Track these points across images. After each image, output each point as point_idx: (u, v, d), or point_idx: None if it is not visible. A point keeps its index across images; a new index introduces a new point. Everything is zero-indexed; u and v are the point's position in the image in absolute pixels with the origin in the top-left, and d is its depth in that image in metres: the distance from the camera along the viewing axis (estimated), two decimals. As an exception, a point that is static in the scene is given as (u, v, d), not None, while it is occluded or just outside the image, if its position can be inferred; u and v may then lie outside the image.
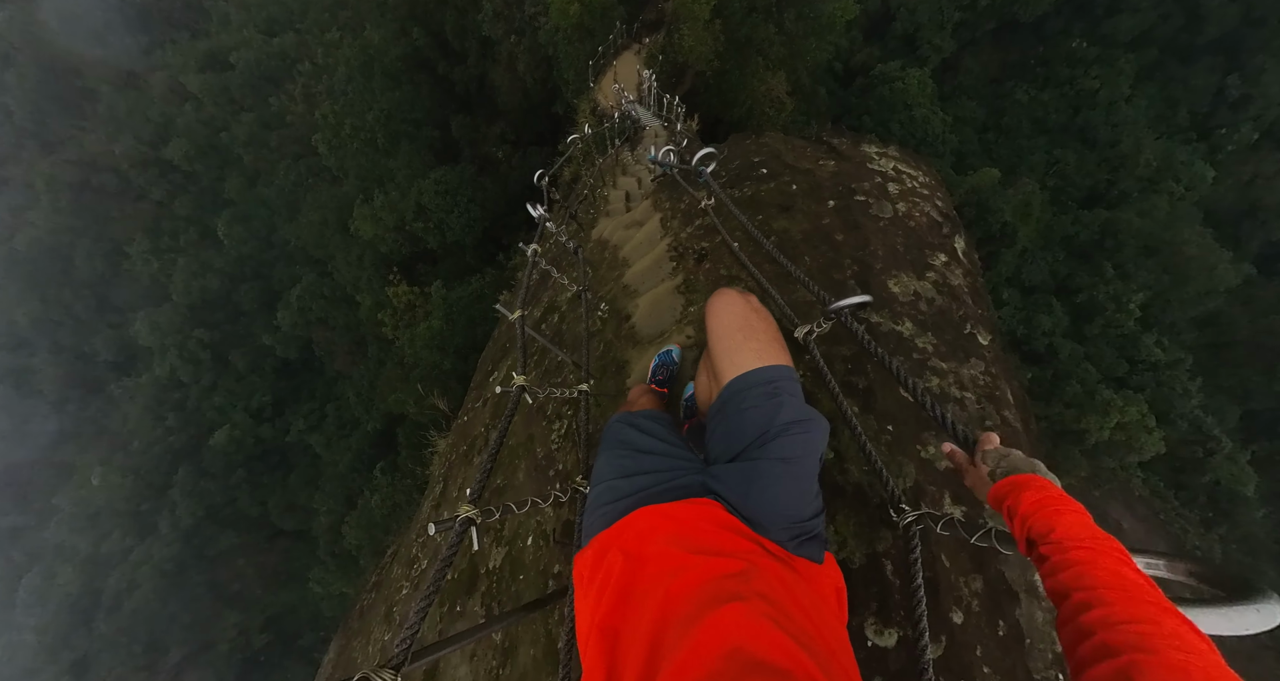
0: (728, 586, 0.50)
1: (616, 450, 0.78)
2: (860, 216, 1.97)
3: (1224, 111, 20.90)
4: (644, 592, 0.52)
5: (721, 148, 3.04)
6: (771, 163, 2.44)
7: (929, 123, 17.85)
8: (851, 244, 1.87)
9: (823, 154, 2.52)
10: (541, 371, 2.59)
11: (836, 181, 2.16)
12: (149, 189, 29.29)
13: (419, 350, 11.20)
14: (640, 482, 0.70)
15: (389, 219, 13.36)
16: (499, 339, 4.19)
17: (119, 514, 26.95)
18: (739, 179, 2.41)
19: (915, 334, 1.58)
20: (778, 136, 2.88)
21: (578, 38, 10.58)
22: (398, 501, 11.04)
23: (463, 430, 3.14)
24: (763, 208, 2.13)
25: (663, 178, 3.00)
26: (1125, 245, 18.19)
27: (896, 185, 2.18)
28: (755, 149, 2.70)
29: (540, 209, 2.16)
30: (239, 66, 26.84)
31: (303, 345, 23.42)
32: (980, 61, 21.80)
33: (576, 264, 2.32)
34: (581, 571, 0.64)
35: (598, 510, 0.71)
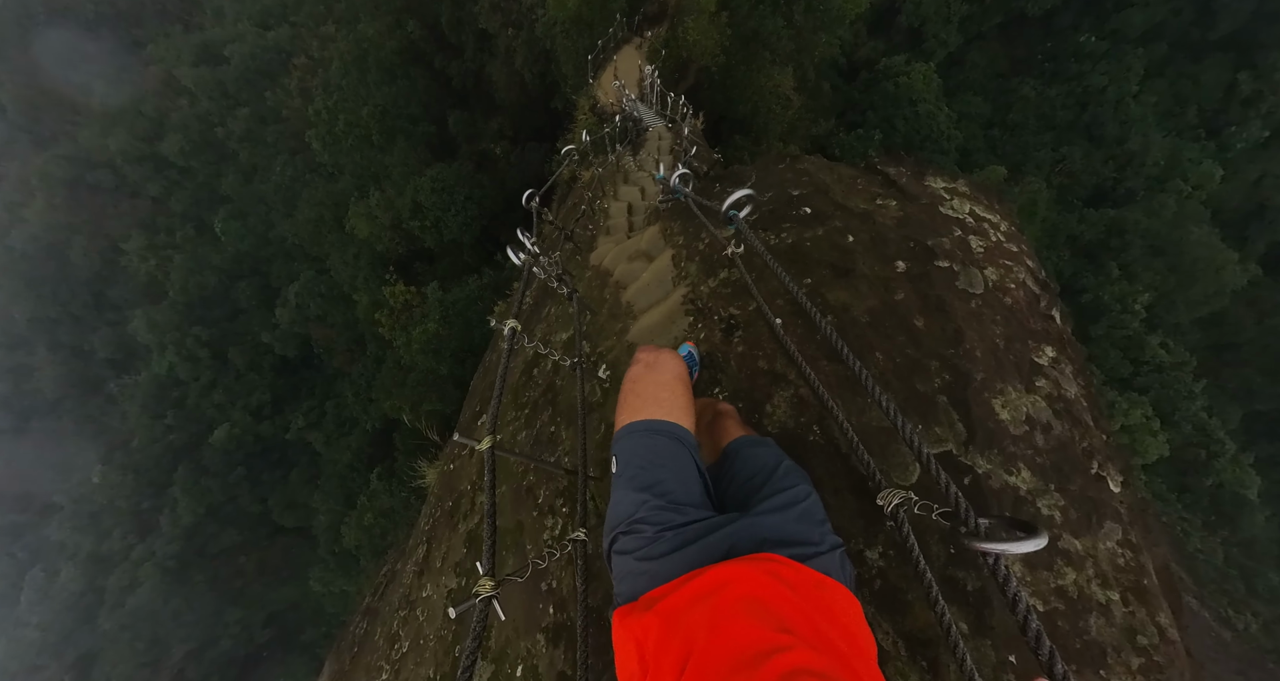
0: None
1: (653, 479, 0.74)
2: (945, 291, 1.49)
3: (1234, 108, 20.55)
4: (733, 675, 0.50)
5: (748, 171, 2.49)
6: (816, 198, 1.97)
7: (934, 119, 17.56)
8: (937, 335, 1.40)
9: (878, 188, 2.01)
10: (531, 435, 2.19)
11: (905, 233, 1.68)
12: (144, 185, 29.01)
13: (415, 355, 11.06)
14: (688, 534, 0.68)
15: (385, 217, 13.17)
16: (490, 367, 3.76)
17: (120, 512, 27.02)
18: (775, 218, 1.94)
19: (1036, 489, 1.16)
20: (819, 162, 2.34)
21: (576, 31, 10.29)
22: (395, 506, 10.98)
23: (448, 481, 2.81)
24: (810, 265, 1.67)
25: (673, 201, 2.54)
26: (1132, 245, 17.98)
27: (980, 241, 1.68)
28: (793, 177, 2.19)
29: (527, 242, 1.83)
30: (233, 60, 26.45)
31: (301, 342, 23.31)
32: (986, 56, 21.43)
33: (572, 310, 1.93)
34: (639, 636, 0.60)
35: (641, 562, 0.67)
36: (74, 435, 31.09)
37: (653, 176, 3.99)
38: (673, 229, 2.49)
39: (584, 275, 2.98)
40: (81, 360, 30.65)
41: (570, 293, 1.84)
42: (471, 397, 3.65)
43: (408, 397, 11.53)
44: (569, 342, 2.47)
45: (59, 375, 30.51)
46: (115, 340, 29.01)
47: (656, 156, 5.03)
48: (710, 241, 2.09)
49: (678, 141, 4.92)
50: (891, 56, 18.58)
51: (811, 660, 0.51)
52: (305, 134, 15.95)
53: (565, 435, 2.02)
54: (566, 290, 1.80)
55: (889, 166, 2.14)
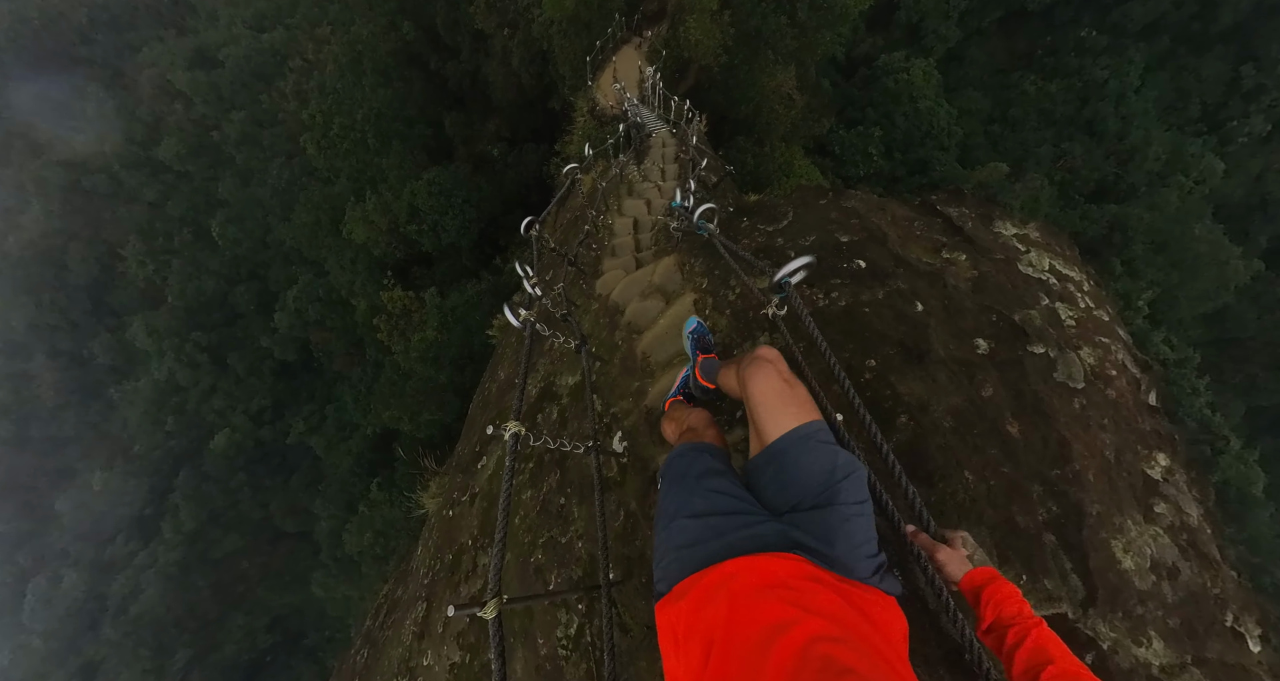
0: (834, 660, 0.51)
1: (687, 485, 0.81)
2: (1042, 385, 1.22)
3: (1236, 102, 20.42)
4: (755, 653, 0.53)
5: (783, 206, 2.08)
6: (871, 248, 1.64)
7: (934, 115, 17.43)
8: (1038, 448, 1.12)
9: (941, 234, 1.73)
10: (537, 500, 1.86)
11: (985, 301, 1.40)
12: (141, 190, 28.88)
13: (413, 363, 10.92)
14: (717, 526, 0.73)
15: (381, 221, 13.04)
16: (491, 399, 3.24)
17: (122, 518, 26.98)
18: (822, 271, 1.61)
19: (1170, 665, 0.93)
20: (867, 198, 1.99)
21: (573, 31, 10.13)
22: (395, 517, 10.87)
23: (448, 528, 2.50)
24: (872, 340, 1.36)
25: (688, 225, 2.17)
26: (1134, 241, 17.86)
27: (1069, 310, 1.42)
28: (839, 218, 1.84)
29: (529, 285, 1.60)
30: (228, 64, 26.28)
31: (301, 347, 23.22)
32: (986, 51, 21.28)
33: (583, 368, 1.63)
34: (675, 624, 0.64)
35: (672, 552, 0.73)
36: (74, 442, 31.03)
37: (668, 202, 3.69)
38: (693, 266, 2.09)
39: (589, 307, 2.62)
40: (81, 367, 30.57)
41: (579, 344, 1.57)
42: (470, 429, 3.27)
43: (407, 407, 11.40)
44: (575, 390, 2.14)
45: (58, 382, 30.44)
46: (114, 346, 28.92)
47: (661, 165, 4.83)
48: (743, 291, 1.70)
49: (683, 149, 4.66)
50: (890, 53, 18.45)
51: (827, 628, 0.53)
52: (300, 138, 15.83)
53: (578, 512, 1.70)
54: (574, 343, 1.57)
55: (950, 207, 1.84)
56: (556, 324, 1.92)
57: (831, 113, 15.88)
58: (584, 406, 1.44)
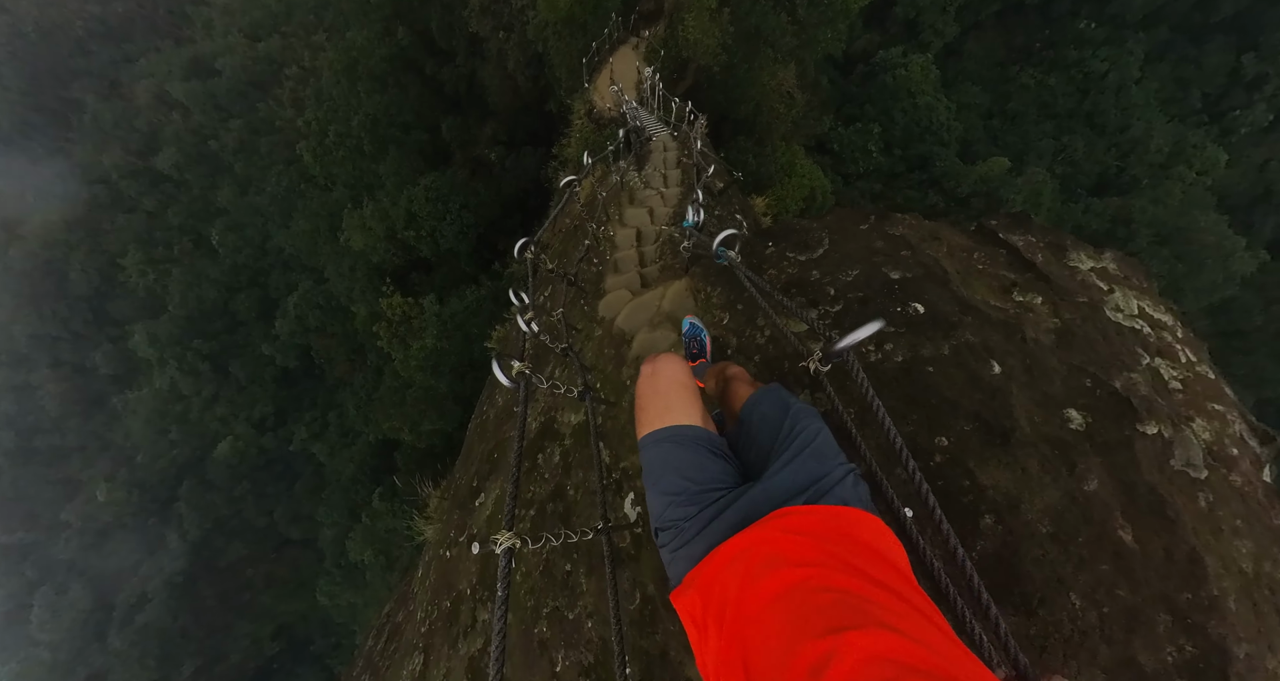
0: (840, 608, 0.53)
1: (670, 482, 0.83)
2: (1156, 475, 0.99)
3: (1238, 92, 20.26)
4: (760, 616, 0.57)
5: (816, 230, 1.79)
6: (929, 288, 1.40)
7: (933, 110, 17.33)
8: (1159, 563, 0.90)
9: (1008, 269, 1.46)
10: (540, 559, 1.69)
11: (1074, 360, 1.17)
12: (140, 199, 28.93)
13: (413, 371, 10.84)
14: (707, 516, 0.76)
15: (379, 228, 12.98)
16: (489, 426, 2.98)
17: (127, 528, 27.00)
18: (869, 316, 1.19)
19: None
20: (916, 224, 1.70)
21: (569, 32, 10.05)
22: (397, 527, 10.79)
23: (445, 573, 2.30)
24: (940, 409, 1.15)
25: (697, 240, 1.90)
26: (1138, 234, 17.72)
27: (1172, 368, 1.19)
28: (885, 248, 1.57)
29: (523, 322, 1.44)
30: (225, 73, 26.32)
31: (302, 353, 23.20)
32: (984, 45, 21.15)
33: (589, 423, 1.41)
34: (691, 612, 0.68)
35: (677, 551, 0.76)
36: (78, 452, 31.08)
37: (672, 213, 3.46)
38: (709, 296, 1.83)
39: (592, 332, 2.34)
40: (83, 377, 30.62)
41: (583, 392, 1.36)
42: (467, 458, 3.03)
43: (407, 417, 11.30)
44: (580, 430, 1.89)
45: (61, 392, 30.50)
46: (116, 356, 28.96)
47: (663, 171, 4.66)
48: (774, 334, 1.48)
49: (685, 153, 4.52)
50: (888, 49, 18.35)
51: (831, 577, 0.57)
52: (297, 146, 15.79)
53: (586, 585, 1.49)
54: (578, 390, 1.37)
55: (1013, 234, 1.56)
56: (555, 358, 1.74)
57: (830, 110, 15.79)
58: (589, 453, 1.30)
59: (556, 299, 2.65)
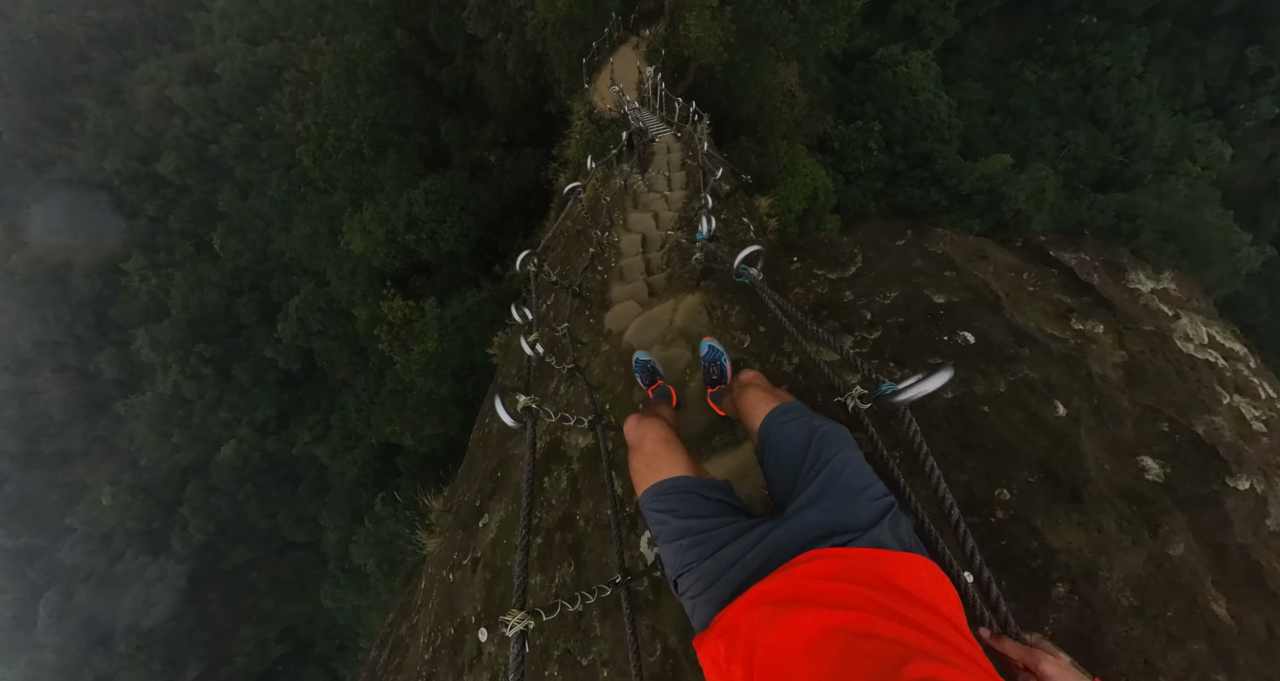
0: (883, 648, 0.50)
1: (675, 528, 0.81)
2: (1250, 537, 0.88)
3: (1241, 85, 20.09)
4: (794, 663, 0.54)
5: (846, 246, 1.63)
6: (980, 315, 1.24)
7: (934, 107, 17.22)
8: (1260, 639, 0.80)
9: (1061, 290, 1.33)
10: (549, 587, 1.58)
11: (1146, 400, 1.03)
12: (142, 204, 29.05)
13: (414, 376, 10.79)
14: (727, 558, 0.72)
15: (379, 231, 12.96)
16: (492, 441, 2.75)
17: (131, 533, 27.08)
18: (913, 343, 1.23)
19: None
20: (959, 239, 1.53)
21: (568, 32, 10.00)
22: (400, 531, 10.76)
23: (449, 594, 2.20)
24: (998, 456, 1.02)
25: (707, 251, 1.73)
26: (1143, 229, 17.57)
27: (1253, 406, 1.08)
28: (927, 268, 1.42)
29: (526, 345, 1.31)
30: (224, 78, 26.39)
31: (304, 356, 23.23)
32: (985, 42, 21.03)
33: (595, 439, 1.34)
34: (715, 657, 0.66)
35: (698, 597, 0.73)
36: (83, 456, 31.21)
37: (677, 217, 3.32)
38: (726, 315, 1.66)
39: (598, 346, 2.15)
40: (87, 382, 30.75)
41: (594, 420, 1.22)
42: (470, 472, 2.88)
43: (409, 422, 11.25)
44: (589, 454, 1.72)
45: (65, 397, 30.63)
46: (120, 360, 29.07)
47: (667, 173, 4.55)
48: (803, 363, 1.32)
49: (690, 155, 4.40)
50: (888, 46, 18.25)
51: (874, 624, 0.52)
52: (296, 150, 15.80)
53: (600, 629, 1.38)
54: (589, 418, 1.24)
55: (1065, 251, 1.43)
56: (559, 375, 1.61)
57: (830, 109, 15.71)
58: (600, 481, 1.18)
59: (560, 309, 2.51)
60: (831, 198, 11.45)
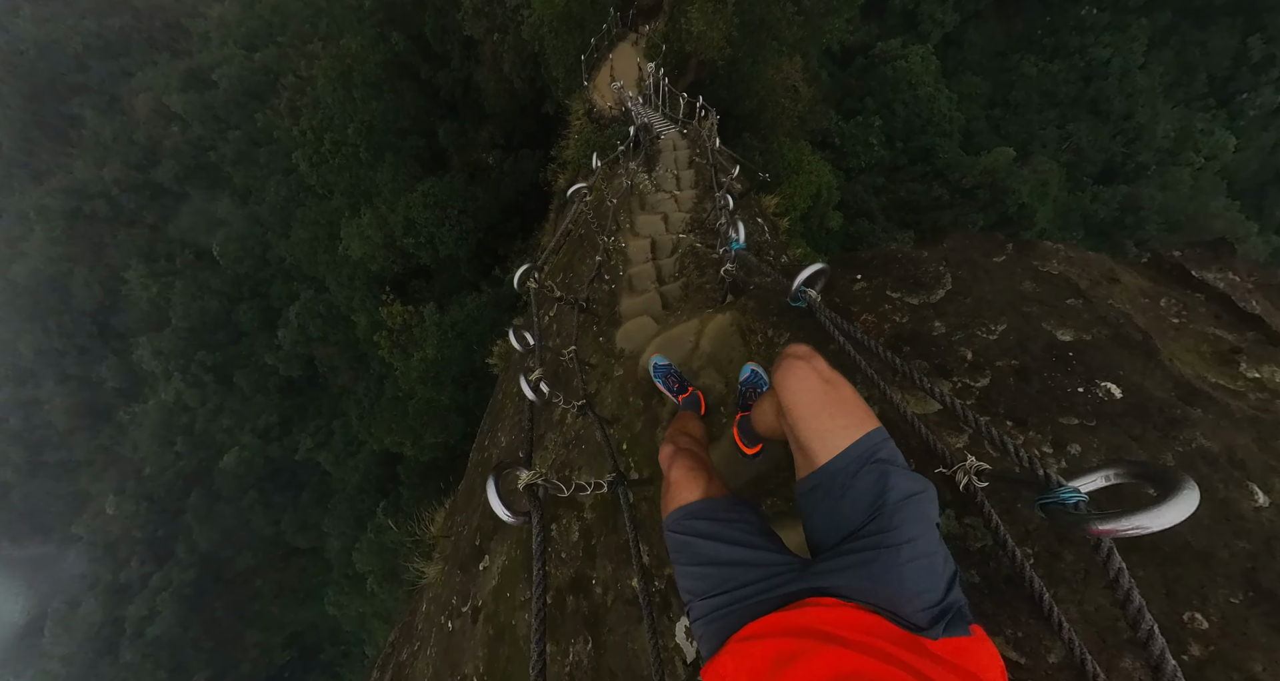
0: None
1: (698, 565, 0.76)
2: None
3: (1244, 75, 19.90)
4: None
5: (928, 261, 1.37)
6: (1122, 359, 1.00)
7: (934, 102, 17.10)
8: None
9: (1213, 322, 1.08)
10: (566, 674, 1.34)
11: None
12: (141, 212, 29.06)
13: (414, 383, 10.68)
14: (740, 594, 0.69)
15: (377, 236, 12.88)
16: (490, 466, 2.25)
17: (136, 541, 27.08)
18: (1034, 396, 0.99)
19: None
20: (1078, 255, 1.26)
21: (565, 30, 9.88)
22: (402, 541, 10.66)
23: (448, 646, 1.99)
24: (1175, 558, 0.76)
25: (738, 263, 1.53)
26: (1148, 221, 17.42)
27: None
28: (1041, 293, 1.18)
29: (527, 387, 1.12)
30: (222, 84, 26.39)
31: (305, 362, 23.19)
32: (984, 34, 20.88)
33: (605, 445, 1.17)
34: (721, 673, 0.63)
35: (709, 628, 0.70)
36: (86, 466, 31.23)
37: (687, 217, 3.04)
38: (768, 341, 1.42)
39: (611, 371, 1.86)
40: (90, 391, 30.77)
41: (614, 481, 1.03)
42: (470, 498, 2.65)
43: (409, 430, 11.14)
44: (603, 503, 1.50)
45: (68, 407, 30.66)
46: (122, 369, 29.08)
47: (675, 172, 4.35)
48: (882, 411, 0.93)
49: (698, 152, 4.21)
50: (887, 40, 18.12)
51: (892, 676, 0.49)
52: (293, 155, 15.73)
53: None
54: (609, 478, 1.04)
55: (1207, 270, 1.14)
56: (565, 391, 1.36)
57: (831, 104, 15.58)
58: (620, 540, 0.99)
59: (564, 324, 2.31)
60: (835, 194, 11.33)
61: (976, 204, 15.56)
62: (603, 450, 1.15)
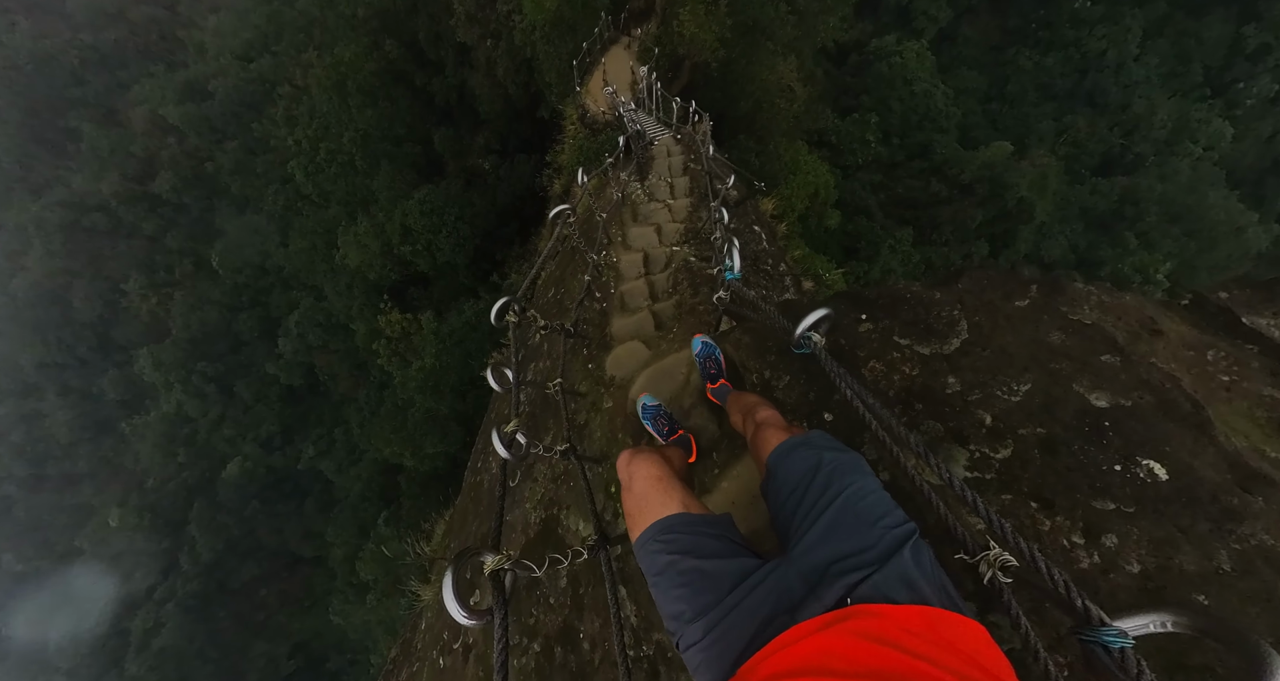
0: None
1: (684, 586, 0.72)
2: None
3: (1240, 64, 19.86)
4: None
5: (943, 306, 1.22)
6: (1169, 433, 0.86)
7: (930, 97, 17.06)
8: None
9: (1271, 381, 0.95)
10: None
11: None
12: (139, 224, 29.12)
13: (413, 392, 10.64)
14: (731, 604, 0.66)
15: (374, 244, 12.86)
16: (482, 494, 2.43)
17: (140, 553, 27.04)
18: (1061, 475, 0.86)
19: None
20: (1115, 300, 1.10)
21: (557, 34, 9.87)
22: (404, 551, 10.61)
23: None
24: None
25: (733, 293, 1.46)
26: (1147, 213, 17.35)
27: None
28: (1070, 345, 1.02)
29: (500, 447, 1.03)
30: (218, 95, 26.47)
31: (306, 371, 23.19)
32: (978, 29, 20.87)
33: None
34: None
35: (706, 652, 0.66)
36: (89, 478, 31.23)
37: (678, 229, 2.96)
38: (766, 382, 1.33)
39: (601, 403, 1.73)
40: (91, 403, 30.79)
41: (597, 545, 0.95)
42: (463, 524, 2.57)
43: (408, 440, 11.08)
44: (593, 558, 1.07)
45: (70, 419, 30.67)
46: (123, 381, 29.10)
47: (669, 179, 4.23)
48: (894, 478, 0.94)
49: (692, 158, 4.13)
50: (881, 37, 18.11)
51: None
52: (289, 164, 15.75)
53: None
54: (586, 549, 0.97)
55: (1262, 317, 1.00)
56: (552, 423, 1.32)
57: (827, 103, 15.55)
58: (607, 592, 0.90)
59: (553, 345, 2.15)
60: (833, 194, 11.28)
61: (975, 199, 15.51)
62: (593, 488, 1.08)
